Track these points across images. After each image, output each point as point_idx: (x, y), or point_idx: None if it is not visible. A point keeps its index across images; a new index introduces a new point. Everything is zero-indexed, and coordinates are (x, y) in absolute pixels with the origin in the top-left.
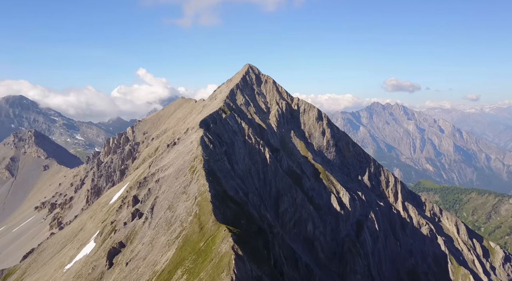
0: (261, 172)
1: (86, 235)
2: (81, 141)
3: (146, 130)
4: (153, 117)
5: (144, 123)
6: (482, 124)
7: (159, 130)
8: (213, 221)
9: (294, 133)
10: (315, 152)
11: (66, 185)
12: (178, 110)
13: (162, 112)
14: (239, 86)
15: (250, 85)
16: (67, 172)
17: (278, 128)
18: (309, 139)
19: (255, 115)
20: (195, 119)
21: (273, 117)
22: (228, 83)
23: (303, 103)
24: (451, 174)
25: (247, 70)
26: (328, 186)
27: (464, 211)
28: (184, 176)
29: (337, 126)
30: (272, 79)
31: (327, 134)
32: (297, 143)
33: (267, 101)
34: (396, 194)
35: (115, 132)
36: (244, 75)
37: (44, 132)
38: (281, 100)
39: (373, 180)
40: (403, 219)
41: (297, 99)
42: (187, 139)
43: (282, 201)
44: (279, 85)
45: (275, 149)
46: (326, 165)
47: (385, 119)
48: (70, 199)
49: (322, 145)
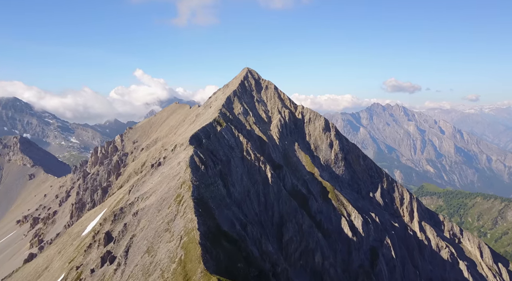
0: (261, 194)
1: (49, 279)
2: (76, 144)
3: (136, 138)
4: (145, 124)
5: (134, 131)
6: (482, 125)
7: (150, 139)
8: (202, 271)
9: (298, 146)
10: (322, 167)
11: (51, 197)
12: (171, 117)
13: (154, 118)
14: (237, 93)
15: (249, 91)
16: (54, 181)
17: (281, 140)
18: (315, 152)
19: (254, 126)
20: (186, 131)
21: (275, 127)
22: (225, 89)
23: (308, 111)
24: (452, 175)
25: (246, 74)
26: (338, 207)
27: (469, 216)
28: (168, 208)
29: (346, 137)
30: (273, 84)
31: (335, 147)
32: (301, 157)
33: (268, 110)
34: (412, 213)
35: (112, 134)
36: (243, 81)
37: (38, 135)
38: (284, 108)
39: (386, 197)
40: (420, 242)
41: (301, 107)
42: (174, 158)
43: (286, 228)
44: (281, 91)
45: (277, 166)
46: (334, 181)
47: (386, 120)
48: (54, 214)
49: (330, 159)
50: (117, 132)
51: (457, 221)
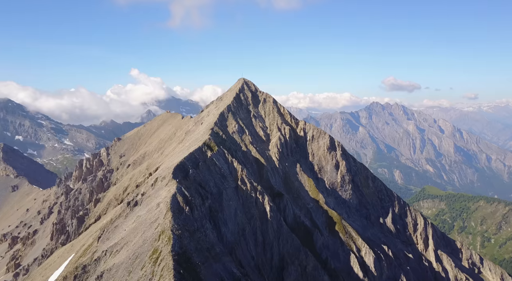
0: (259, 232)
1: None
2: (70, 146)
3: (123, 152)
4: (133, 136)
5: (122, 144)
6: (480, 123)
7: (137, 153)
8: None
9: (300, 167)
10: (327, 191)
11: (33, 213)
12: (162, 128)
13: (143, 129)
14: (231, 108)
15: (245, 105)
16: (38, 193)
17: (281, 161)
18: (319, 173)
19: (251, 146)
20: (173, 154)
21: (274, 147)
22: (218, 103)
23: (311, 128)
24: (452, 175)
25: (242, 86)
26: (346, 241)
27: (472, 221)
28: (142, 268)
29: (353, 157)
30: (272, 97)
31: (342, 168)
32: (304, 181)
33: (266, 126)
34: (427, 240)
35: (107, 135)
36: (238, 93)
37: (31, 137)
38: (284, 125)
39: (398, 222)
40: (437, 274)
41: (303, 123)
42: (153, 197)
43: (287, 272)
44: (280, 105)
45: (277, 194)
46: (341, 207)
47: (385, 119)
48: (34, 233)
49: (336, 182)
50: (113, 133)
51: (460, 225)
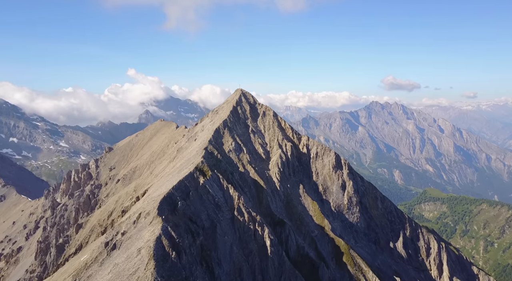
0: (258, 270)
1: None
2: (66, 148)
3: (114, 163)
4: (125, 146)
5: (112, 155)
6: (479, 122)
7: (128, 166)
8: None
9: (303, 189)
10: (332, 214)
11: (19, 226)
12: (155, 138)
13: (135, 139)
14: (227, 123)
15: (243, 119)
16: (26, 204)
17: (282, 182)
18: (324, 194)
19: (249, 167)
20: (162, 177)
21: (275, 166)
22: (214, 116)
23: (314, 144)
24: (451, 175)
25: (239, 98)
26: (355, 274)
27: (474, 224)
28: None
29: (361, 176)
30: (272, 111)
31: (349, 189)
32: (308, 204)
33: (266, 142)
34: (441, 266)
35: (104, 136)
36: (235, 106)
37: (25, 139)
38: (285, 141)
39: (410, 246)
40: None
41: (306, 138)
42: (134, 238)
43: None
44: (281, 118)
45: (278, 222)
46: (348, 232)
47: (384, 118)
48: (18, 250)
49: (342, 204)
50: (110, 134)
51: (462, 229)
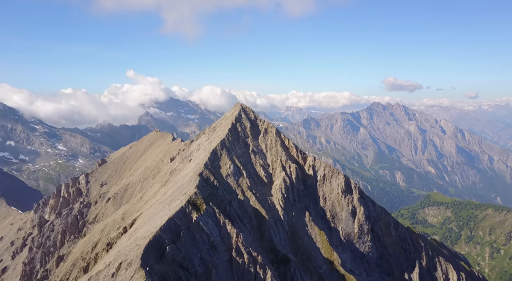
0: None
1: None
2: (63, 152)
3: (105, 179)
4: (118, 159)
5: (104, 169)
6: (481, 123)
7: (120, 183)
8: None
9: (310, 216)
10: (342, 244)
11: (7, 243)
12: (149, 150)
13: (129, 152)
14: (225, 143)
15: (242, 138)
16: (16, 217)
17: (286, 210)
18: (332, 221)
19: (249, 193)
20: (152, 204)
21: (278, 191)
22: (211, 134)
23: (321, 165)
24: (454, 176)
25: (239, 114)
26: None
27: (480, 230)
28: None
29: (372, 200)
30: (274, 128)
31: (360, 216)
32: (315, 234)
33: (268, 164)
34: None
35: (103, 139)
36: (234, 123)
37: (23, 142)
38: (289, 162)
39: (426, 278)
40: None
41: (311, 159)
42: None
43: None
44: (284, 136)
45: (282, 259)
46: (358, 263)
47: (386, 119)
48: (3, 271)
49: (352, 232)
50: (109, 136)
51: (468, 235)
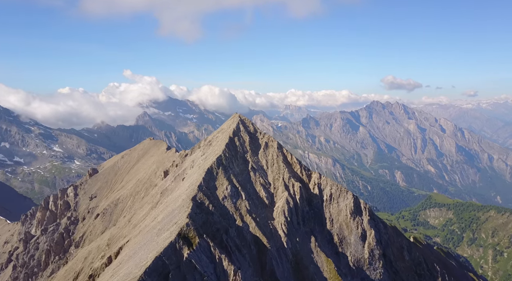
0: None
1: None
2: (59, 153)
3: (95, 191)
4: (109, 170)
5: (94, 180)
6: (480, 121)
7: (110, 197)
8: None
9: (315, 242)
10: (351, 272)
11: None
12: (142, 160)
13: (121, 161)
14: (222, 161)
15: (241, 153)
16: (3, 228)
17: (290, 236)
18: (339, 246)
19: (249, 218)
20: (140, 231)
21: (281, 215)
22: (206, 149)
23: (328, 183)
24: (453, 175)
25: (237, 127)
26: None
27: (482, 232)
28: None
29: (383, 222)
30: (276, 142)
31: (370, 240)
32: (322, 262)
33: (269, 182)
34: None
35: (100, 140)
36: (232, 137)
37: (18, 144)
38: (293, 180)
39: None
40: None
41: (317, 176)
42: None
43: None
44: (287, 151)
45: None
46: None
47: (385, 118)
48: None
49: (362, 258)
50: (106, 137)
51: (470, 237)
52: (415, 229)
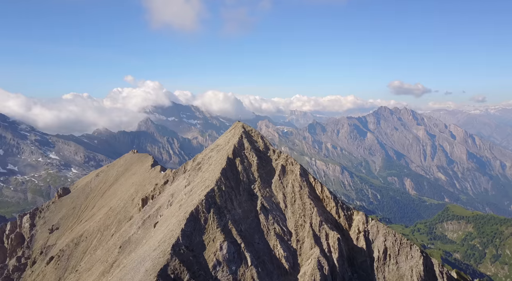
0: None
1: None
2: (56, 161)
3: (57, 221)
4: (79, 192)
5: (59, 205)
6: (489, 126)
7: (76, 229)
8: None
9: None
10: None
11: None
12: (122, 179)
13: (96, 181)
14: (215, 198)
15: (245, 184)
16: None
17: None
18: None
19: None
20: None
21: None
22: (194, 174)
23: (379, 231)
24: (465, 183)
25: (239, 142)
26: None
27: (507, 248)
28: None
29: None
30: (298, 165)
31: None
32: None
33: (290, 231)
34: None
35: (100, 146)
36: (232, 159)
37: (12, 151)
38: (326, 227)
39: None
40: None
41: (361, 217)
42: None
43: None
44: (316, 180)
45: None
46: None
47: (393, 124)
48: None
49: None
50: (107, 143)
51: (493, 253)
52: (432, 244)
